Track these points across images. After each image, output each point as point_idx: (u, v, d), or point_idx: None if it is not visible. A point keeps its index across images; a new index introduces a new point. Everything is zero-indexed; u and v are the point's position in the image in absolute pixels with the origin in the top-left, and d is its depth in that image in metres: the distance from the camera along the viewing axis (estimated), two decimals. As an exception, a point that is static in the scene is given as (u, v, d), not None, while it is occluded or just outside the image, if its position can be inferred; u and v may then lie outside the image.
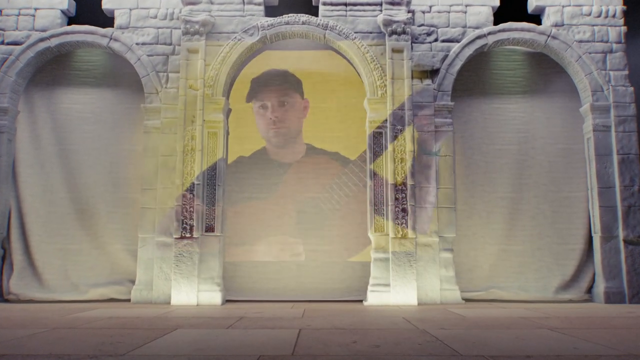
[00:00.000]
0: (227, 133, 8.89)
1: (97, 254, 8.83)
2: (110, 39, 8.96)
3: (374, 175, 8.37)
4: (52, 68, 9.25)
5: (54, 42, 8.92)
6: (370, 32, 8.77)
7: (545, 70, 9.33)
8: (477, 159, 9.09)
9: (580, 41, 8.95)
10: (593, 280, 8.66)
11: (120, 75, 9.25)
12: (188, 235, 8.15)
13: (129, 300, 8.42)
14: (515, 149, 9.13)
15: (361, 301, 8.41)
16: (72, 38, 8.95)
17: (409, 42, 8.65)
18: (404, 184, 8.26)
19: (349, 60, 9.15)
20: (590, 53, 8.91)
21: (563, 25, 9.03)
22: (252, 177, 9.08)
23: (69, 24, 9.26)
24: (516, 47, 9.28)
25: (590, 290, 8.65)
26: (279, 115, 9.23)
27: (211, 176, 8.38)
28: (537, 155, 9.10)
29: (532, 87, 9.32)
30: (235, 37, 8.74)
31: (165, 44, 8.97)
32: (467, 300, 8.34)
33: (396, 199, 8.21)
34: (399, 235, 8.11)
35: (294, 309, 7.33)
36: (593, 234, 8.69)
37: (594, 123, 8.74)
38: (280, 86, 9.33)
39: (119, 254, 8.81)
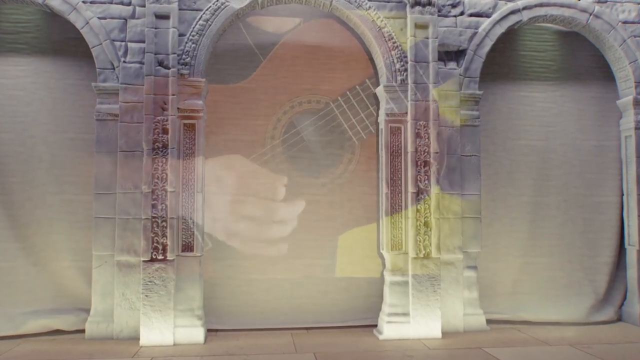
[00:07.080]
0: (205, 121, 7.02)
1: (36, 272, 6.92)
2: (48, -7, 6.78)
3: (392, 181, 6.86)
4: (-33, 30, 7.00)
5: (-32, -6, 6.66)
6: (388, 2, 7.02)
7: (578, 54, 8.02)
8: (501, 157, 7.76)
9: (625, 22, 7.63)
10: (624, 297, 7.71)
11: (63, 42, 7.10)
12: (160, 257, 6.38)
13: (81, 331, 6.63)
14: (543, 145, 7.86)
15: (370, 326, 7.07)
16: (-7, -10, 6.72)
17: (435, 16, 7.00)
18: (427, 191, 6.82)
19: (352, 34, 7.43)
20: (635, 37, 7.63)
21: (606, 2, 7.66)
22: None
23: (-12, -31, 6.94)
24: (548, 25, 7.87)
25: (619, 307, 7.71)
26: None
27: (188, 180, 6.59)
28: (567, 153, 7.88)
29: (563, 73, 7.99)
30: (218, 0, 6.79)
31: (122, 3, 6.87)
32: (488, 321, 7.16)
33: (417, 210, 6.77)
34: (421, 255, 6.71)
35: (300, 355, 5.88)
36: (627, 246, 7.66)
37: (636, 120, 7.55)
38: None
39: (65, 272, 6.95)
